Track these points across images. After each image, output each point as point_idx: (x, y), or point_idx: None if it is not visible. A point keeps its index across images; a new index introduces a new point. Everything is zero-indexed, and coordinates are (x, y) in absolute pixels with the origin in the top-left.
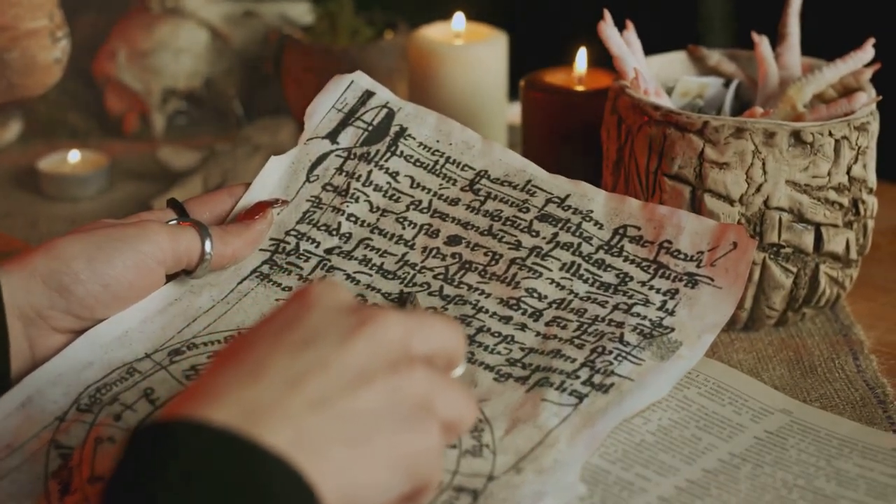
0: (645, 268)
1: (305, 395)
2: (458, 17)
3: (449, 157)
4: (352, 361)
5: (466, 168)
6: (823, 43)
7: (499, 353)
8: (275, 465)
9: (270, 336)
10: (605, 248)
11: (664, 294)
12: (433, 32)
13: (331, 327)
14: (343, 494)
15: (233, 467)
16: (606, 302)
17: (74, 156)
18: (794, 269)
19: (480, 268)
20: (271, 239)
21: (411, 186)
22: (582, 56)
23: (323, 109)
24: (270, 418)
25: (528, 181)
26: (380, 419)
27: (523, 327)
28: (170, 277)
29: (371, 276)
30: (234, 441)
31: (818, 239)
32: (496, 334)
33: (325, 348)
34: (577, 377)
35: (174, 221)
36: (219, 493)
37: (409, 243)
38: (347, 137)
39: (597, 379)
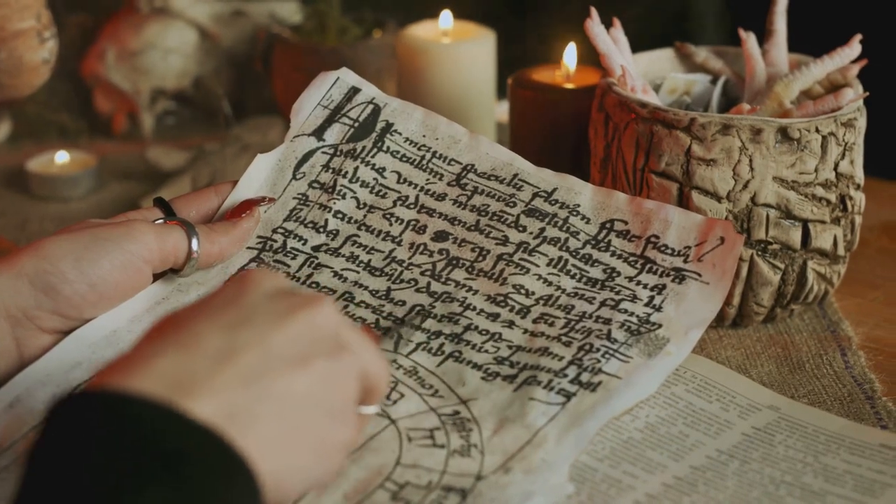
0: (632, 263)
1: (238, 370)
2: (446, 16)
3: (435, 152)
4: (290, 342)
5: (453, 163)
6: (810, 39)
7: (486, 351)
8: (202, 436)
9: (206, 313)
10: (593, 242)
11: (651, 289)
12: (421, 31)
13: (269, 308)
14: (273, 473)
15: (156, 437)
16: (594, 298)
17: (63, 156)
18: (782, 266)
19: (468, 264)
20: (258, 237)
21: (398, 182)
22: (569, 54)
23: (309, 106)
24: (199, 390)
25: (515, 175)
26: (313, 404)
27: (511, 325)
28: (157, 276)
29: (358, 272)
30: (158, 410)
31: (806, 235)
32: (484, 332)
33: (262, 327)
34: (565, 375)
35: (161, 220)
36: (141, 464)
37: (397, 240)
38: (334, 134)
39: (584, 377)
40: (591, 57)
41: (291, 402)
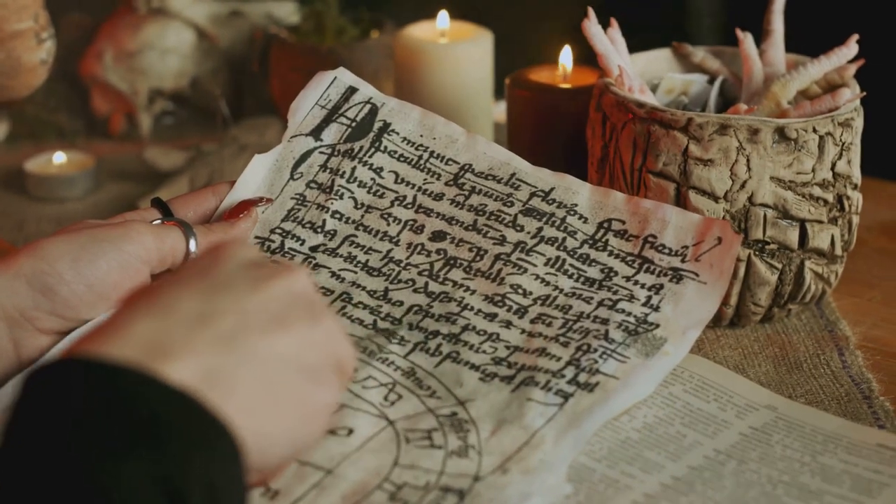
0: (630, 262)
1: (216, 332)
2: (443, 16)
3: (433, 152)
4: (268, 306)
5: (450, 162)
6: (807, 39)
7: (484, 351)
8: (179, 400)
9: (181, 282)
10: (590, 242)
11: (649, 289)
12: (419, 31)
13: (245, 275)
14: (255, 437)
15: (131, 404)
16: (591, 298)
17: (61, 157)
18: (780, 266)
19: (465, 264)
20: (256, 237)
21: (396, 182)
22: (567, 54)
23: (306, 106)
24: (175, 353)
25: (513, 174)
26: (290, 367)
27: (508, 325)
28: (155, 277)
29: (356, 273)
30: (132, 376)
31: (803, 235)
32: (481, 332)
33: (239, 292)
34: (563, 376)
35: (158, 221)
36: (117, 432)
37: (394, 240)
38: (331, 134)
39: (582, 378)
40: (588, 57)
41: (270, 364)
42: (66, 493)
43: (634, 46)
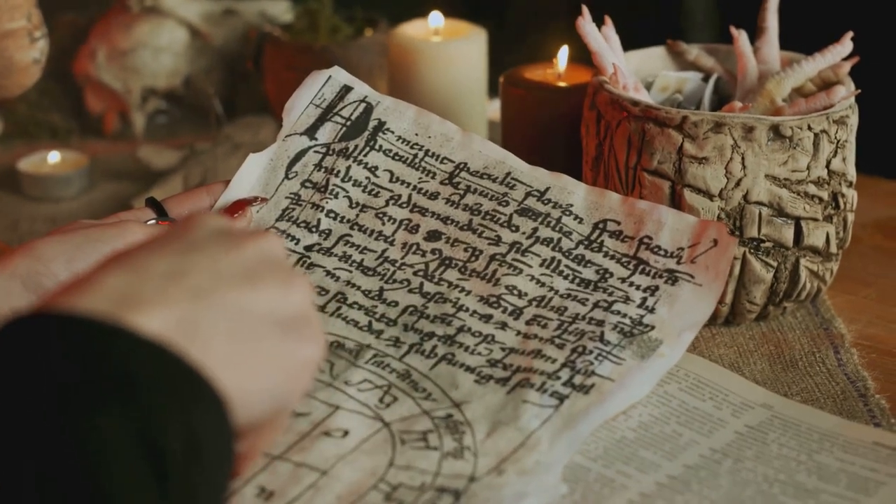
0: (625, 264)
1: (188, 286)
2: (436, 15)
3: (428, 151)
4: (240, 264)
5: (446, 161)
6: (802, 37)
7: (479, 353)
8: (150, 349)
9: (154, 246)
10: (585, 243)
11: (644, 291)
12: (413, 29)
13: (217, 239)
14: (235, 390)
15: (101, 354)
16: (587, 299)
17: (54, 156)
18: (775, 264)
19: (460, 264)
20: None
21: (390, 181)
22: (561, 52)
23: (301, 105)
24: (147, 305)
25: (508, 173)
26: (266, 321)
27: (504, 326)
28: None
29: (351, 272)
30: (101, 326)
31: (798, 233)
32: (476, 334)
33: (211, 252)
34: (558, 378)
35: (153, 221)
36: (88, 386)
37: (389, 239)
38: (326, 133)
39: (577, 380)
40: (582, 55)
41: (245, 317)
42: (41, 449)
43: (628, 44)
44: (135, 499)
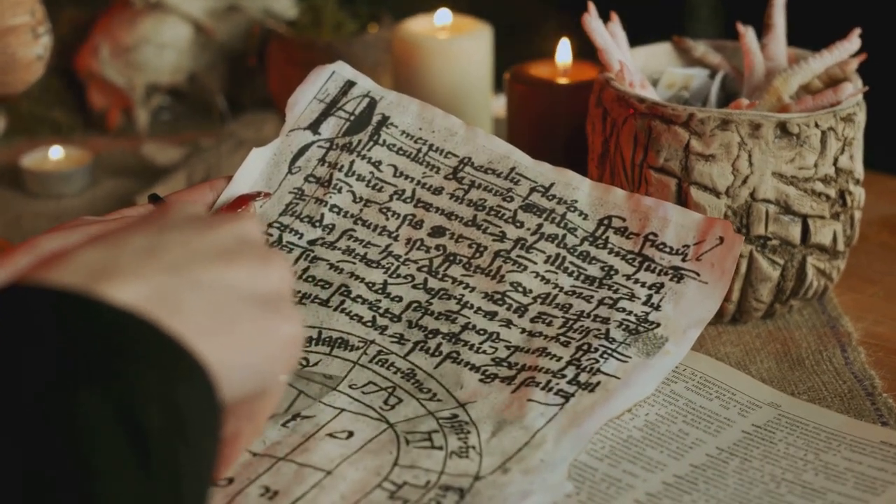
0: (630, 260)
1: (163, 260)
2: (444, 11)
3: (432, 145)
4: (216, 242)
5: (450, 155)
6: (809, 33)
7: (484, 351)
8: (124, 318)
9: (134, 225)
10: (590, 239)
11: (649, 288)
12: (417, 25)
13: (194, 222)
14: (214, 365)
15: (73, 326)
16: (591, 297)
17: (57, 152)
18: (782, 262)
19: (465, 260)
20: None
21: (394, 175)
22: (566, 48)
23: (304, 100)
24: (120, 277)
25: (512, 168)
26: (245, 298)
27: (508, 324)
28: None
29: (354, 264)
30: (73, 298)
31: (805, 231)
32: (481, 332)
33: (188, 231)
34: (563, 376)
35: None
36: (61, 355)
37: (393, 234)
38: (329, 128)
39: (583, 378)
40: (588, 51)
41: (224, 292)
42: (20, 424)
43: (633, 40)
44: (116, 474)
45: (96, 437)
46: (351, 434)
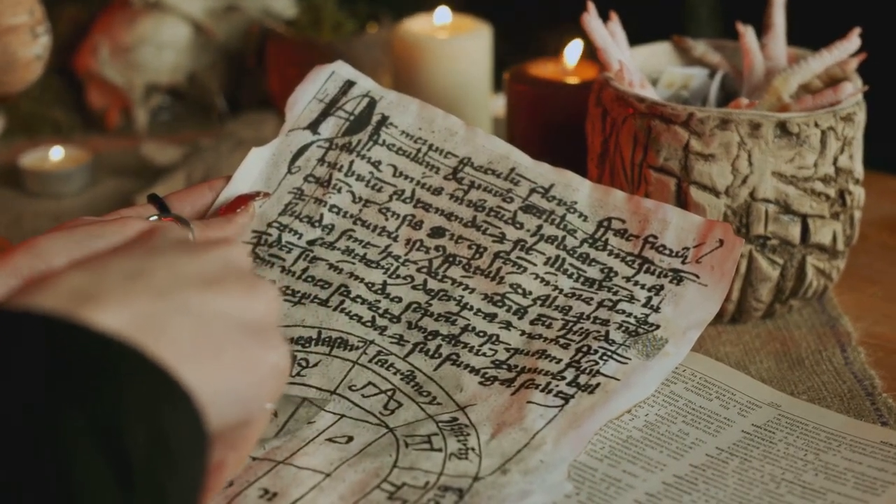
0: (630, 262)
1: (148, 285)
2: (442, 10)
3: (432, 145)
4: (203, 268)
5: (449, 156)
6: (809, 33)
7: (484, 354)
8: (105, 343)
9: (119, 250)
10: (590, 241)
11: (649, 290)
12: (417, 25)
13: (179, 246)
14: (197, 391)
15: (55, 351)
16: (591, 299)
17: (57, 152)
18: (781, 261)
19: (464, 261)
20: (253, 231)
21: (394, 176)
22: (575, 48)
23: (304, 100)
24: (104, 302)
25: (512, 169)
26: (231, 326)
27: (508, 326)
28: None
29: (354, 264)
30: (55, 323)
31: (805, 230)
32: (481, 334)
33: (174, 256)
34: (563, 378)
35: (155, 217)
36: (41, 380)
37: (393, 235)
38: (329, 128)
39: (582, 379)
40: (587, 51)
41: (208, 318)
42: (1, 444)
43: (632, 39)
44: (98, 497)
45: (78, 459)
46: (350, 439)
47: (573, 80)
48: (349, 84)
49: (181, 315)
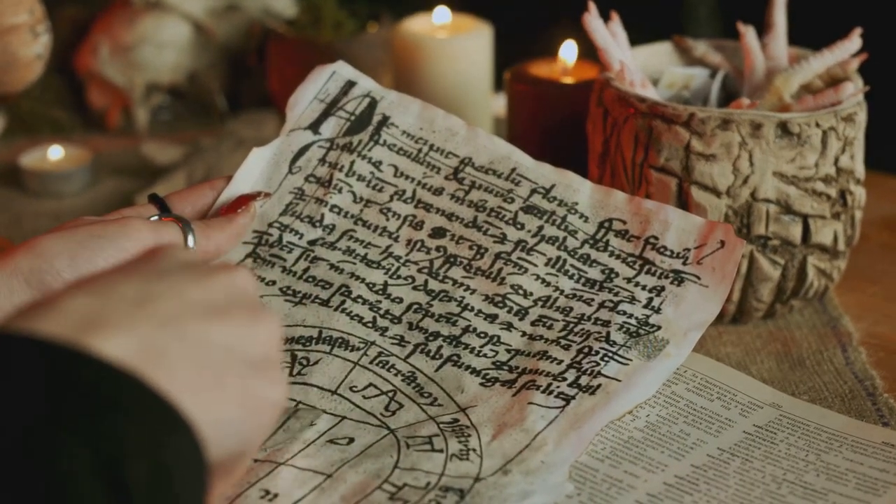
0: (630, 263)
1: (153, 313)
2: (442, 10)
3: (433, 145)
4: (209, 295)
5: (450, 156)
6: (810, 33)
7: (485, 355)
8: (112, 373)
9: (119, 271)
10: (591, 242)
11: (650, 291)
12: (417, 25)
13: (185, 269)
14: (204, 424)
15: (60, 377)
16: (592, 300)
17: (57, 152)
18: (782, 261)
19: (465, 262)
20: (254, 231)
21: (395, 176)
22: (570, 48)
23: (305, 100)
24: (110, 329)
25: (513, 169)
26: (233, 356)
27: (509, 327)
28: None
29: (355, 264)
30: (61, 350)
31: (806, 230)
32: (482, 335)
33: (179, 281)
34: (564, 379)
35: (156, 217)
36: (44, 407)
37: (394, 235)
38: (330, 128)
39: (583, 380)
40: (589, 51)
41: (211, 348)
42: (0, 472)
43: (635, 40)
44: None
45: (78, 491)
46: (351, 440)
47: (574, 80)
48: (350, 84)
49: (185, 345)
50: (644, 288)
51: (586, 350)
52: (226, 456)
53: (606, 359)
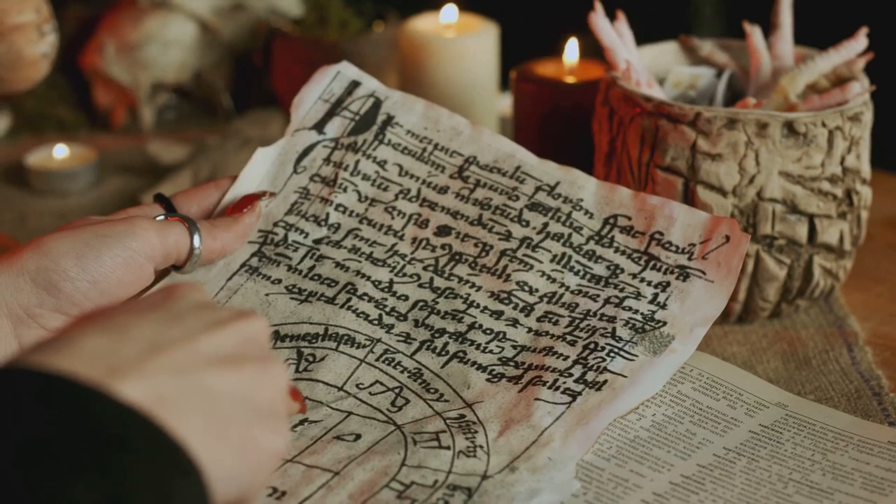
0: (636, 259)
1: (168, 360)
2: (449, 9)
3: (437, 144)
4: (221, 343)
5: (455, 154)
6: (816, 32)
7: (491, 351)
8: (122, 413)
9: (134, 310)
10: (596, 238)
11: (655, 287)
12: (423, 24)
13: (198, 314)
14: (211, 470)
15: (87, 421)
16: (598, 295)
17: (62, 150)
18: (788, 261)
19: (471, 259)
20: (260, 231)
21: (400, 175)
22: (573, 47)
23: (309, 100)
24: (127, 374)
25: (518, 167)
26: (241, 406)
27: (515, 323)
28: (159, 274)
29: (360, 262)
30: (81, 390)
31: (812, 230)
32: (488, 331)
33: (191, 328)
34: (570, 375)
35: (162, 216)
36: (70, 450)
37: (399, 234)
38: (334, 128)
39: (590, 376)
40: (594, 50)
41: (221, 398)
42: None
43: (637, 39)
44: None
45: None
46: (359, 436)
47: (580, 80)
48: (354, 84)
49: (197, 394)
50: (649, 284)
51: (592, 346)
52: (220, 499)
53: (612, 354)
